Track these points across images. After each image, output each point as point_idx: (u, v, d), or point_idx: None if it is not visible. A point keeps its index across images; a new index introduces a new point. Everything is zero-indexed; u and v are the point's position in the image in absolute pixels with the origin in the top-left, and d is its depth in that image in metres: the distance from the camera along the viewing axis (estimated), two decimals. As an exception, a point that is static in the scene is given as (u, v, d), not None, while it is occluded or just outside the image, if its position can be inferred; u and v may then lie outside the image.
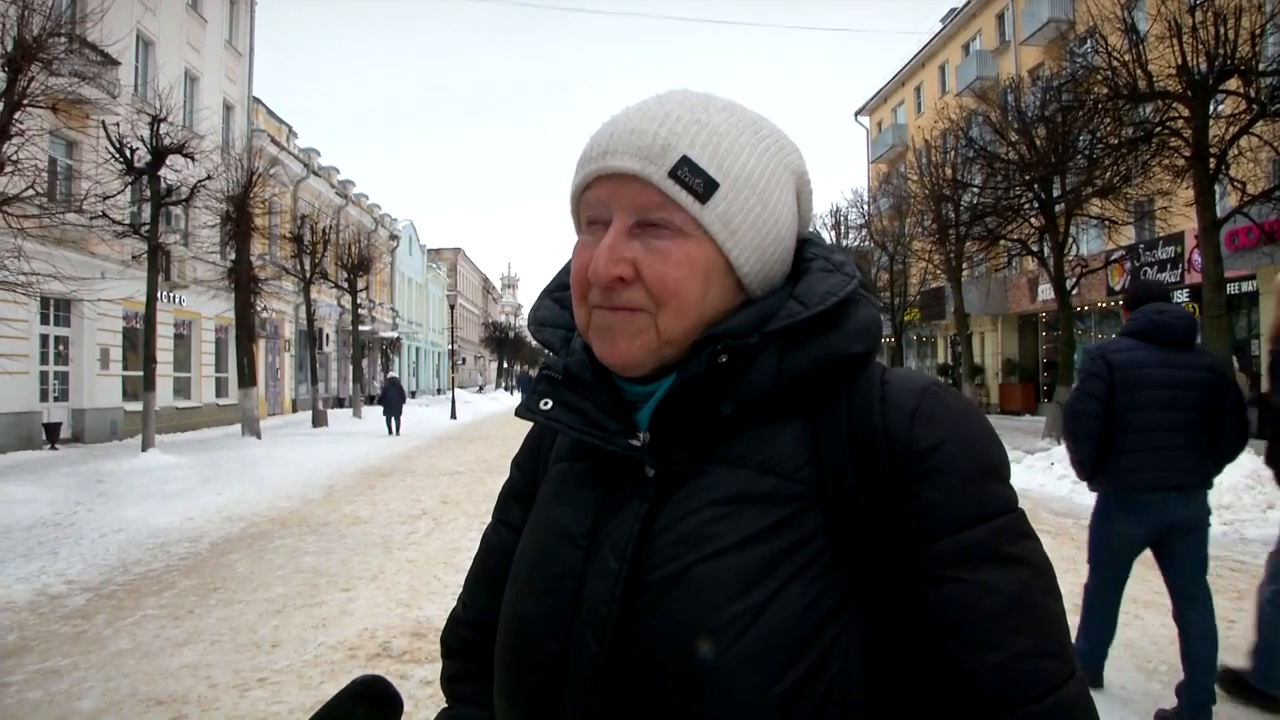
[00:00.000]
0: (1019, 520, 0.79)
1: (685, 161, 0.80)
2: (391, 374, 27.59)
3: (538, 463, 1.02)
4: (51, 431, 18.87)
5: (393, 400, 24.92)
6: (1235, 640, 5.26)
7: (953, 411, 0.81)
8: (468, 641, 1.04)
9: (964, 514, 0.76)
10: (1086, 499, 6.15)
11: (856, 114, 47.68)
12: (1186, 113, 13.74)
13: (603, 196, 0.84)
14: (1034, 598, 0.76)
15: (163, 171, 17.18)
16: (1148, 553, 4.52)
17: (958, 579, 0.74)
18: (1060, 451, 12.08)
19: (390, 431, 24.57)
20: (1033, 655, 0.73)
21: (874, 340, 0.84)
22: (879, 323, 0.87)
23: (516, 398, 39.28)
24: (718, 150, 0.81)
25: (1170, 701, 4.26)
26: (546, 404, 0.89)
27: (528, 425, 1.00)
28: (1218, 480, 9.93)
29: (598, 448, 0.85)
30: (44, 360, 19.33)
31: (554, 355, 0.93)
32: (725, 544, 0.77)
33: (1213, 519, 9.27)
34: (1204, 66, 13.28)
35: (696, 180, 0.79)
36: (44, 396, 19.29)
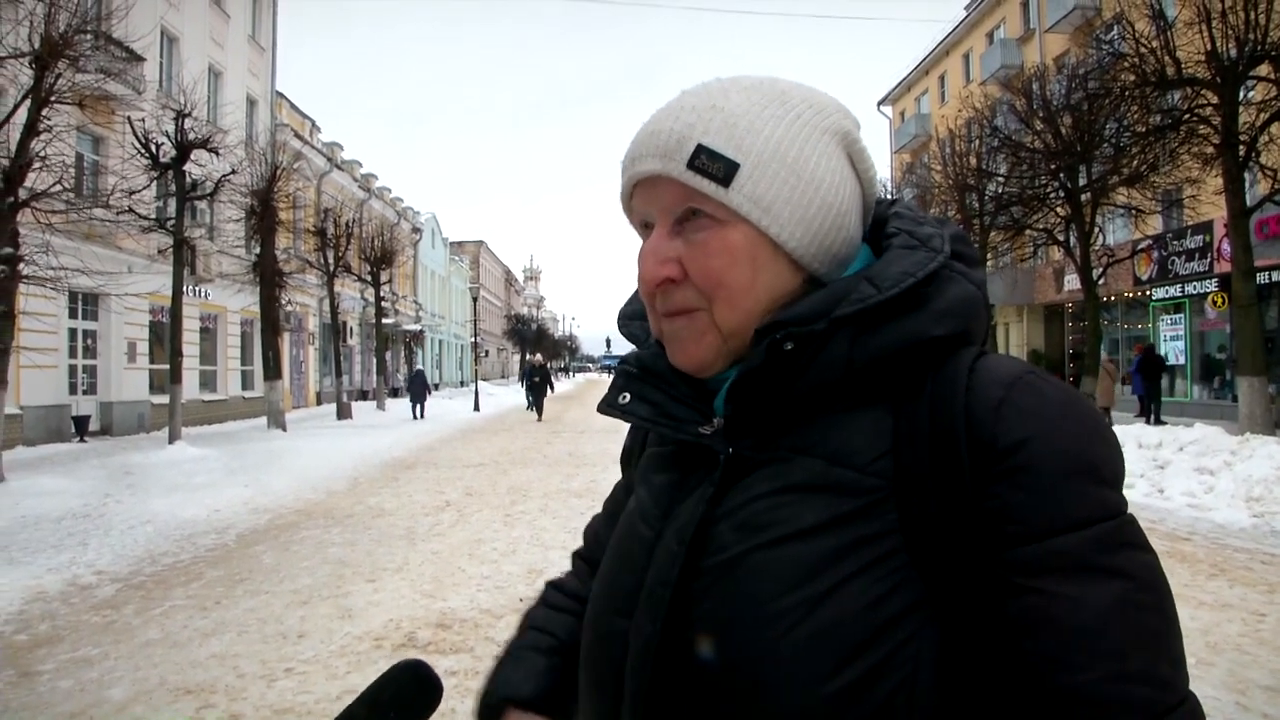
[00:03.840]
0: (1122, 528, 0.69)
1: (701, 150, 0.78)
2: (418, 367, 29.57)
3: (635, 438, 1.07)
4: (80, 424, 19.08)
5: (417, 389, 28.05)
6: (1266, 634, 5.20)
7: (1048, 403, 0.72)
8: (580, 566, 1.15)
9: (1052, 519, 0.67)
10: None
11: (879, 104, 47.34)
12: (1215, 100, 13.59)
13: (642, 202, 0.85)
14: (1132, 615, 0.66)
15: (187, 166, 17.35)
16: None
17: (1040, 591, 0.66)
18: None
19: (415, 416, 27.32)
20: (1122, 679, 0.64)
21: (962, 322, 0.79)
22: (972, 302, 0.80)
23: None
24: (734, 131, 0.79)
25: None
26: (625, 398, 0.91)
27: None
28: (1248, 472, 9.93)
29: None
30: (72, 354, 19.54)
31: (639, 348, 0.94)
32: (783, 533, 0.74)
33: (1243, 511, 9.24)
34: (1234, 52, 13.12)
35: (716, 165, 0.78)
36: (73, 390, 19.52)
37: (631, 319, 0.97)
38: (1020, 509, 0.68)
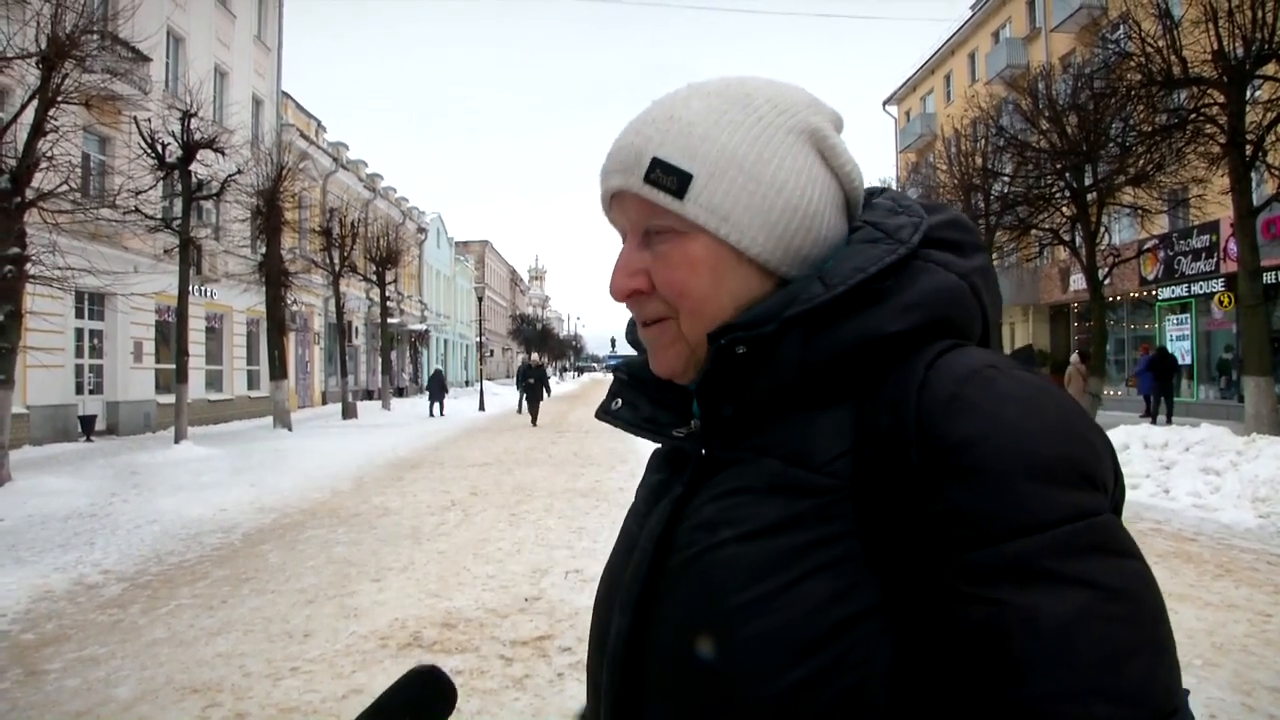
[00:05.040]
0: (1089, 532, 0.64)
1: (656, 163, 0.79)
2: (437, 367, 33.31)
3: None
4: (87, 424, 19.16)
5: (436, 388, 29.76)
6: (1272, 634, 5.18)
7: (1003, 398, 0.68)
8: None
9: (1002, 523, 0.64)
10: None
11: (885, 103, 47.25)
12: (1222, 99, 13.54)
13: (616, 215, 0.86)
14: (1093, 626, 0.61)
15: (194, 166, 17.42)
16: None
17: (989, 600, 0.63)
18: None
19: (435, 414, 28.66)
20: (1078, 696, 0.60)
21: (931, 314, 0.75)
22: (948, 292, 0.77)
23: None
24: (689, 141, 0.79)
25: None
26: (616, 404, 0.93)
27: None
28: (1254, 473, 9.89)
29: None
30: (79, 354, 19.60)
31: (639, 355, 0.94)
32: (738, 533, 0.74)
33: (1249, 511, 9.20)
34: (1241, 51, 13.07)
35: (669, 178, 0.78)
36: (79, 389, 19.58)
37: (635, 327, 0.97)
38: (968, 512, 0.65)
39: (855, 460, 0.72)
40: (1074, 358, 22.49)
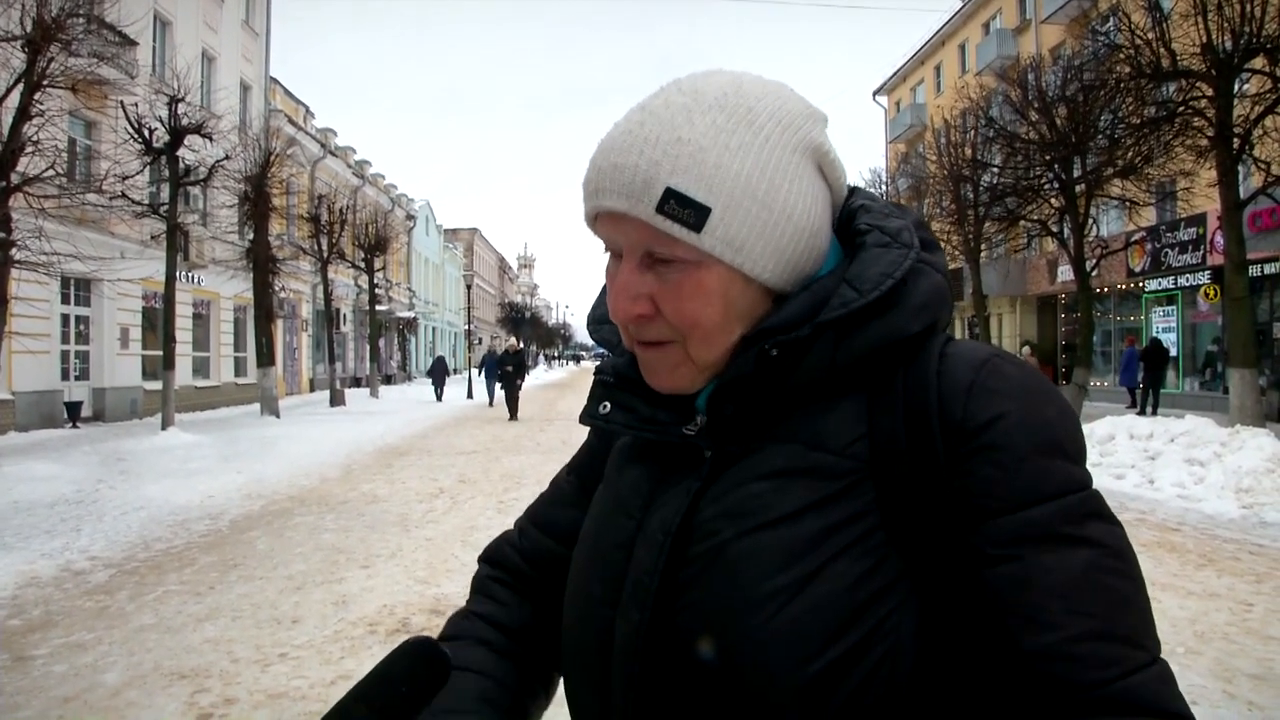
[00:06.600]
0: (1088, 500, 0.73)
1: (670, 194, 0.75)
2: (439, 354, 34.43)
3: (597, 441, 1.07)
4: (73, 410, 19.06)
5: (438, 374, 31.30)
6: (1253, 623, 5.24)
7: (1014, 384, 0.76)
8: (510, 560, 1.07)
9: (1023, 492, 0.71)
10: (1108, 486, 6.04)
11: (875, 93, 47.26)
12: (1210, 92, 13.58)
13: (608, 231, 0.82)
14: (1101, 578, 0.70)
15: (181, 152, 17.29)
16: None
17: (1015, 558, 0.70)
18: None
19: (437, 399, 29.72)
20: (1095, 638, 0.67)
21: (935, 315, 0.81)
22: (942, 292, 0.82)
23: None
24: (703, 169, 0.75)
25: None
26: (605, 407, 0.90)
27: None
28: (1238, 464, 9.97)
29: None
30: (65, 340, 19.47)
31: (612, 353, 0.93)
32: (768, 518, 0.76)
33: (1232, 502, 9.29)
34: (1229, 45, 13.11)
35: (686, 211, 0.75)
36: (65, 375, 19.46)
37: (602, 323, 0.95)
38: (993, 484, 0.72)
39: (872, 443, 0.77)
40: (1025, 350, 23.37)
